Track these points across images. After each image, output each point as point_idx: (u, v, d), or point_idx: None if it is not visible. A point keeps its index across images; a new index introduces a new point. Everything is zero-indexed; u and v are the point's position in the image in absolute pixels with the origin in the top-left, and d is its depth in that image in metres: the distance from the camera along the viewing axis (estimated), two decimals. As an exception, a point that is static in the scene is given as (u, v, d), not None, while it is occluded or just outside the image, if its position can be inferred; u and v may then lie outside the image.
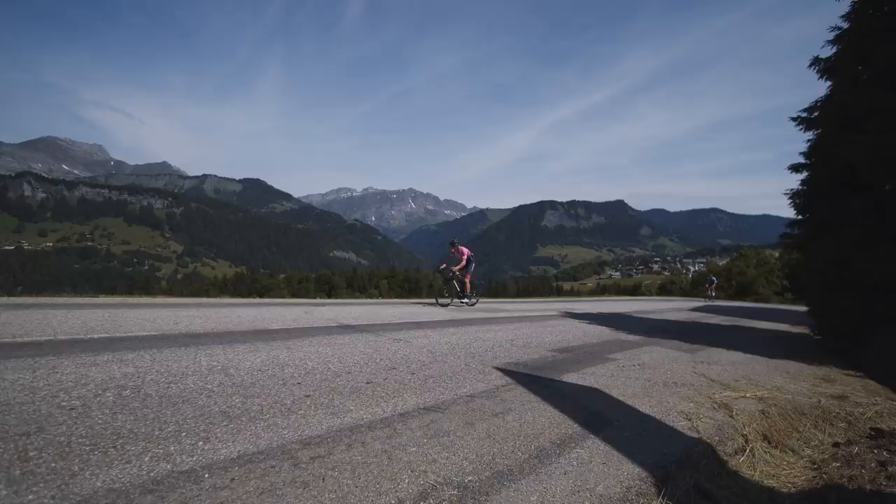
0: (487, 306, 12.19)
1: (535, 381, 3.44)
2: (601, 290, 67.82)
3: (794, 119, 8.12)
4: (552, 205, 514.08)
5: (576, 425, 2.49)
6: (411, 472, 1.76)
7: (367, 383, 2.94)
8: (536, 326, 7.25)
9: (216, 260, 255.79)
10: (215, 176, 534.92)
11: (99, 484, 1.48)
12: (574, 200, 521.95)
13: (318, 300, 12.07)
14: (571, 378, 3.65)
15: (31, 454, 1.62)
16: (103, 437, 1.81)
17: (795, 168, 8.27)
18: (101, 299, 7.38)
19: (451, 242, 11.63)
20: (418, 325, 6.19)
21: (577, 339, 6.02)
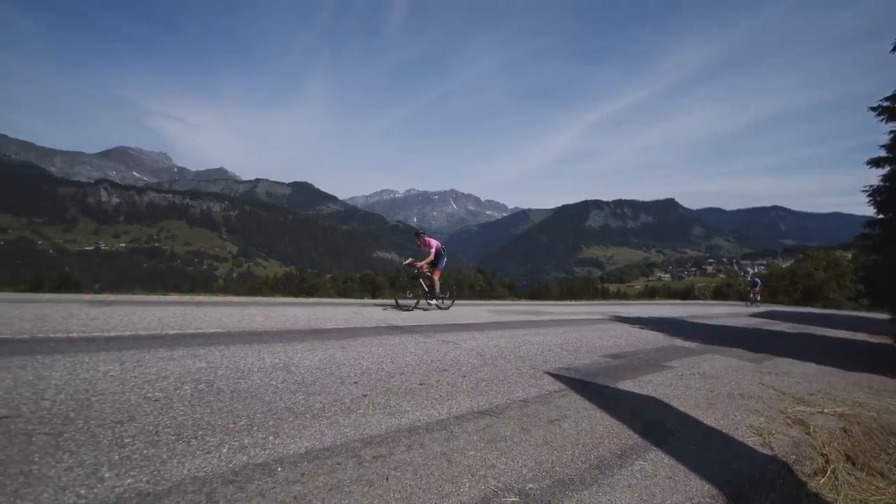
0: (531, 308, 12.01)
1: (588, 387, 3.36)
2: (650, 293, 64.93)
3: (873, 109, 7.43)
4: (597, 204, 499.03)
5: (636, 436, 2.41)
6: (471, 476, 1.77)
7: (421, 385, 2.99)
8: (585, 330, 7.06)
9: (268, 260, 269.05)
10: (267, 180, 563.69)
11: (185, 472, 1.60)
12: (620, 200, 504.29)
13: (365, 300, 12.37)
14: (627, 385, 3.53)
15: (127, 441, 1.78)
16: (185, 428, 1.96)
17: (876, 162, 7.56)
18: (171, 297, 7.96)
19: (417, 233, 10.09)
20: (466, 327, 6.21)
21: (630, 345, 5.81)
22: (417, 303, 9.25)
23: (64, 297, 6.79)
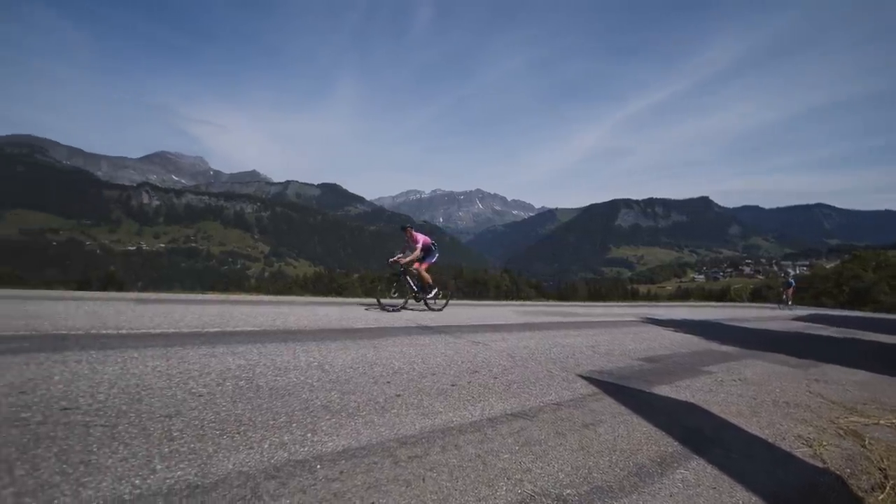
0: (559, 309, 11.84)
1: (622, 391, 3.28)
2: (683, 295, 62.81)
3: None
4: (626, 203, 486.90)
5: (675, 443, 2.33)
6: (507, 479, 1.76)
7: (452, 385, 3.00)
8: (616, 332, 6.91)
9: (298, 260, 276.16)
10: (297, 181, 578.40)
11: (230, 466, 1.66)
12: (651, 198, 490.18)
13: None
14: (663, 391, 3.43)
15: (175, 434, 1.86)
16: (228, 423, 2.03)
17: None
18: (209, 296, 8.28)
19: (403, 227, 9.29)
20: (495, 328, 6.19)
21: (664, 348, 5.64)
22: (405, 303, 8.56)
23: (112, 295, 7.17)
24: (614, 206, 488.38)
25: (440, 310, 8.69)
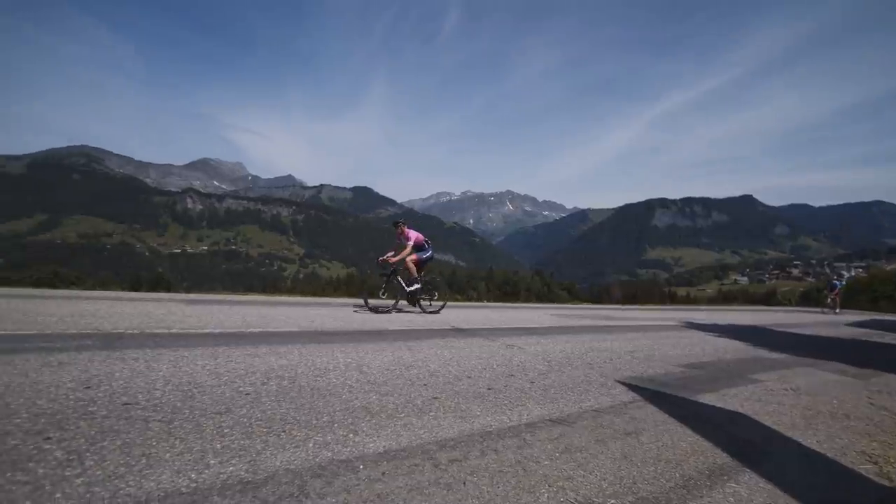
0: (594, 312, 11.58)
1: (665, 399, 3.17)
2: (725, 298, 59.92)
3: None
4: (663, 203, 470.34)
5: (724, 455, 2.23)
6: (549, 486, 1.74)
7: (489, 389, 2.99)
8: (656, 337, 6.68)
9: (331, 261, 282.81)
10: (330, 185, 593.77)
11: (278, 463, 1.71)
12: (689, 197, 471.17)
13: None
14: (708, 399, 3.29)
15: (226, 431, 1.95)
16: (274, 422, 2.10)
17: None
18: (249, 297, 8.61)
19: (395, 223, 8.80)
20: (529, 331, 6.13)
21: (707, 355, 5.41)
22: (395, 304, 8.09)
23: (162, 295, 7.58)
24: (650, 206, 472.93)
25: (437, 312, 8.23)
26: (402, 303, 8.24)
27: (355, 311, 7.40)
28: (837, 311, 22.80)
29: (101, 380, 2.48)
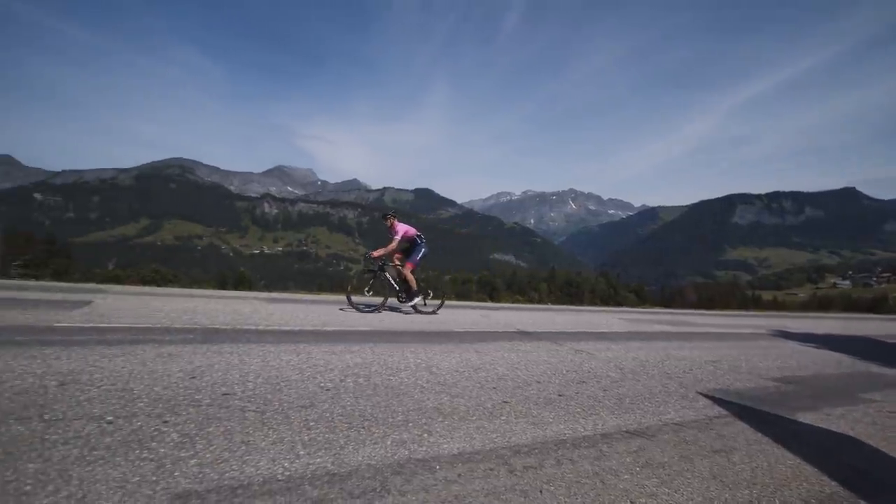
0: (669, 318, 10.85)
1: (756, 415, 2.90)
2: (822, 303, 53.33)
3: None
4: (744, 198, 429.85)
5: (833, 483, 2.00)
6: (629, 503, 1.67)
7: (559, 395, 2.92)
8: (741, 346, 6.14)
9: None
10: (392, 188, 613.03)
11: (360, 458, 1.81)
12: (776, 192, 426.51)
13: (492, 304, 12.56)
14: (809, 418, 2.96)
15: (311, 424, 2.09)
16: (353, 418, 2.22)
17: None
18: (322, 296, 9.14)
19: (385, 215, 8.06)
20: (598, 336, 5.90)
21: (804, 368, 4.87)
22: (384, 302, 7.29)
23: (247, 294, 8.27)
24: (729, 202, 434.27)
25: (433, 312, 7.55)
26: (392, 301, 7.60)
27: (341, 310, 6.90)
28: None
29: (203, 370, 2.77)
